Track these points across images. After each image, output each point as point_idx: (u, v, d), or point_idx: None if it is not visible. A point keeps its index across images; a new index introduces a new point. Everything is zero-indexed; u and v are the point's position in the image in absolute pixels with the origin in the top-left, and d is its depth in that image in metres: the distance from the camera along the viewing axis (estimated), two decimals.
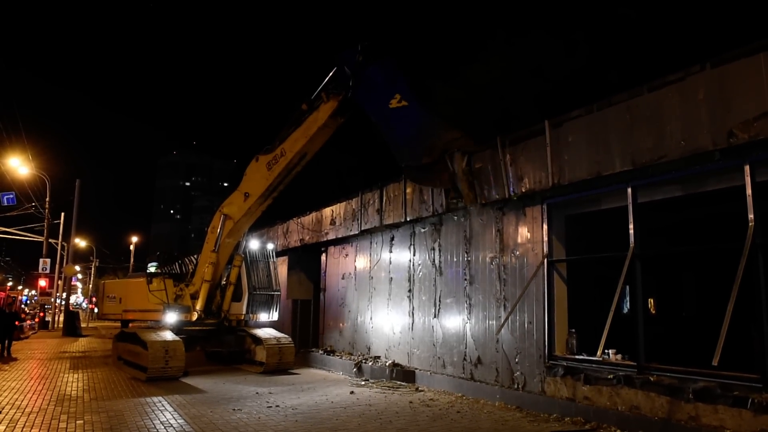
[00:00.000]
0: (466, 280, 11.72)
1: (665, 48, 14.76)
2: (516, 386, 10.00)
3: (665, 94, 7.92)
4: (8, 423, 8.13)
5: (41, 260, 33.26)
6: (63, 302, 35.81)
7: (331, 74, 11.47)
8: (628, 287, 9.53)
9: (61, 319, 34.31)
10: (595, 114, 9.00)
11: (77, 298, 64.12)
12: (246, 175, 13.48)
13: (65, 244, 35.55)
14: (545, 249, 9.93)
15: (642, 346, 8.18)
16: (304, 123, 11.83)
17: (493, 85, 16.79)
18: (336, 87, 11.25)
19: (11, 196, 29.82)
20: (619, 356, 8.62)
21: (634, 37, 15.83)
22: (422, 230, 13.35)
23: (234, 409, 9.28)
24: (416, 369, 12.69)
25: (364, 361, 14.06)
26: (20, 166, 29.28)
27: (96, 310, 56.37)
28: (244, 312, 15.29)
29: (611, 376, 8.30)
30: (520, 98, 16.59)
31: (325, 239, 17.82)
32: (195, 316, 14.34)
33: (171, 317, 14.20)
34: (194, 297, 14.48)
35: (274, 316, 16.08)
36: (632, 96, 8.41)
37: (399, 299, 14.01)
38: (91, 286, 60.17)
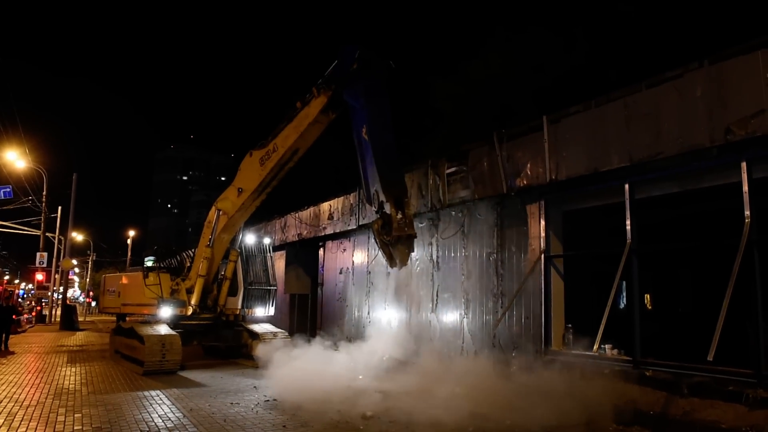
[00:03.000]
0: (463, 275, 11.76)
1: (664, 45, 14.77)
2: (512, 381, 10.02)
3: (663, 91, 7.95)
4: (6, 416, 8.14)
5: (38, 254, 33.16)
6: (60, 296, 35.77)
7: (330, 69, 11.31)
8: (624, 283, 9.58)
9: (59, 313, 34.27)
10: (593, 110, 9.03)
11: (74, 292, 64.17)
12: (240, 170, 13.43)
13: (62, 238, 35.50)
14: (542, 244, 9.97)
15: (638, 341, 8.24)
16: (296, 118, 11.76)
17: (491, 81, 16.79)
18: (327, 82, 11.10)
19: (8, 189, 29.68)
20: (615, 351, 8.67)
21: (634, 34, 15.83)
22: (420, 225, 13.36)
23: (232, 403, 9.29)
24: (413, 363, 12.71)
25: (361, 355, 14.08)
26: (17, 159, 29.15)
27: (93, 303, 56.47)
28: (239, 307, 15.29)
29: (607, 370, 8.35)
30: (518, 94, 16.59)
31: (322, 234, 17.84)
32: (190, 311, 14.33)
33: (165, 311, 14.20)
34: (190, 291, 14.47)
35: (271, 310, 16.08)
36: (630, 93, 8.44)
37: (397, 294, 14.04)
38: (88, 280, 60.07)
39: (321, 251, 18.83)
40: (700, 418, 6.98)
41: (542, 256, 9.90)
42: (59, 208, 35.34)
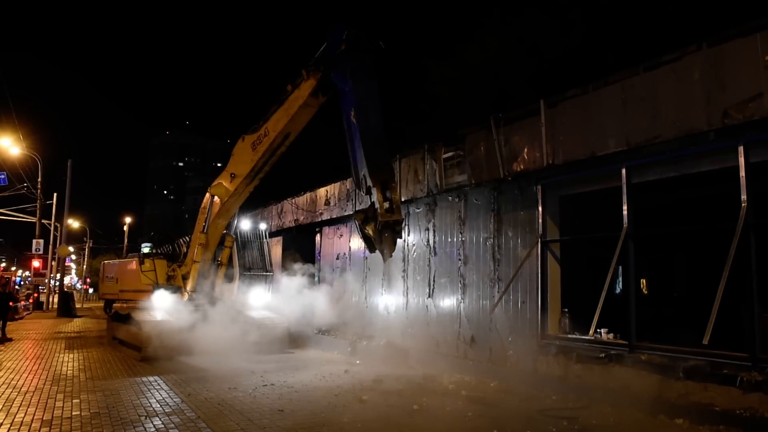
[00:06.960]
0: (460, 260, 11.76)
1: (662, 27, 14.67)
2: (509, 365, 10.10)
3: (661, 74, 7.89)
4: (5, 402, 8.17)
5: (34, 241, 33.09)
6: (57, 283, 35.76)
7: (320, 50, 11.07)
8: (620, 267, 9.59)
9: (56, 299, 34.29)
10: (590, 94, 8.97)
11: (71, 279, 64.16)
12: (233, 155, 13.34)
13: (58, 225, 35.37)
14: (539, 229, 9.96)
15: (633, 325, 8.27)
16: (286, 101, 11.61)
17: (488, 64, 16.67)
18: (315, 64, 10.90)
19: (2, 176, 29.54)
20: (611, 335, 8.71)
21: (631, 17, 15.72)
22: (417, 210, 13.36)
23: (229, 388, 9.33)
24: (410, 348, 12.78)
25: (358, 340, 14.15)
26: (11, 146, 28.95)
27: (91, 290, 56.51)
28: (235, 292, 15.30)
29: (603, 354, 8.40)
30: (515, 78, 16.50)
31: (319, 220, 17.81)
32: (186, 297, 14.35)
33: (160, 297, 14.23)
34: (186, 278, 14.48)
35: (267, 296, 16.11)
36: (627, 76, 8.38)
37: (393, 279, 14.05)
38: (85, 266, 60.03)
39: (318, 237, 18.80)
40: (694, 401, 7.03)
41: (539, 240, 9.90)
42: (54, 194, 35.21)
